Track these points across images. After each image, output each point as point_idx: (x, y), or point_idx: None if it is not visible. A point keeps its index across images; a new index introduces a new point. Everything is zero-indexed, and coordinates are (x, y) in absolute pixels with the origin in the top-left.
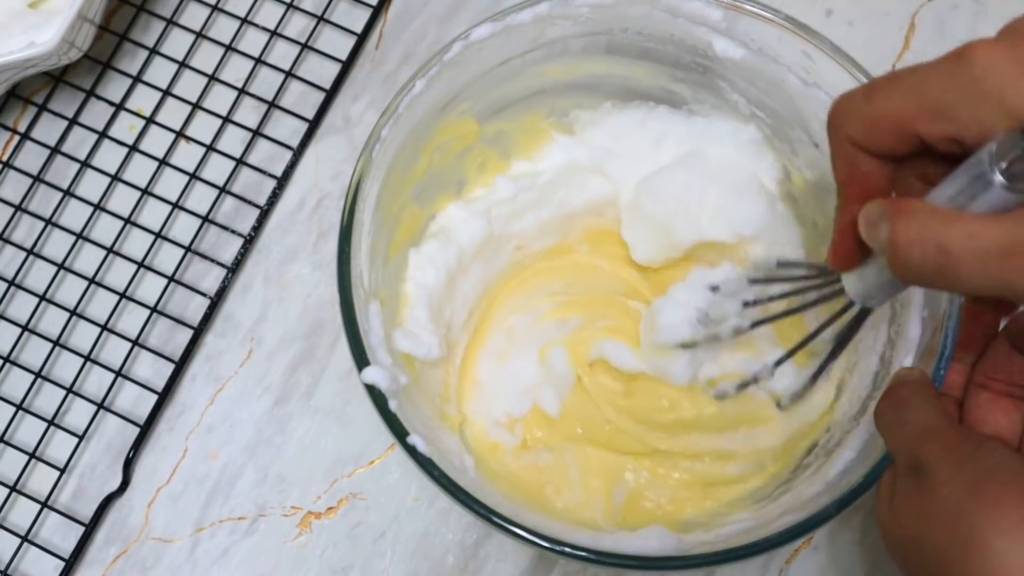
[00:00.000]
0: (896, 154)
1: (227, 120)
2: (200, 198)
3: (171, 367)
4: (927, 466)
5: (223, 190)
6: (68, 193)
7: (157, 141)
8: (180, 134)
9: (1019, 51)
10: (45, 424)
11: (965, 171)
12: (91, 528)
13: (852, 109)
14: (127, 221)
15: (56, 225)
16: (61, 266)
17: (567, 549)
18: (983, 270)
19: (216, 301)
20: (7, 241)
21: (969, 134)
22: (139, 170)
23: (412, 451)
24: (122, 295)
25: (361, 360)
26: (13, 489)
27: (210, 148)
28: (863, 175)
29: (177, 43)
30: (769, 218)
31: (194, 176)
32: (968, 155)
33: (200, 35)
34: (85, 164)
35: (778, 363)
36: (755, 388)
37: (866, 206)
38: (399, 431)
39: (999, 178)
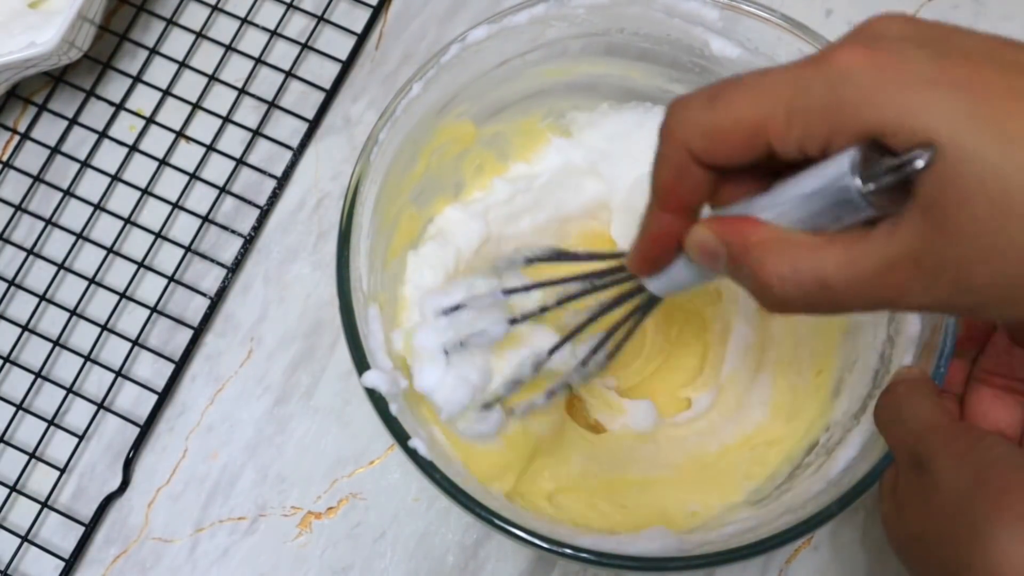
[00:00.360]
0: (734, 165)
1: (227, 120)
2: (200, 198)
3: (171, 367)
4: (929, 461)
5: (223, 190)
6: (68, 193)
7: (157, 141)
8: (180, 134)
9: (879, 58)
10: (45, 424)
11: (816, 186)
12: (91, 528)
13: (692, 117)
14: (127, 221)
15: (56, 225)
16: (61, 266)
17: (568, 551)
18: (864, 294)
19: (216, 301)
20: (7, 241)
21: (818, 144)
22: (139, 170)
23: (413, 455)
24: (122, 295)
25: (361, 364)
26: (13, 489)
27: (210, 148)
28: (687, 186)
29: (177, 43)
30: None
31: (194, 176)
32: (809, 162)
33: (200, 35)
34: (85, 164)
35: (553, 350)
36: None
37: (696, 231)
38: (400, 434)
39: (861, 197)
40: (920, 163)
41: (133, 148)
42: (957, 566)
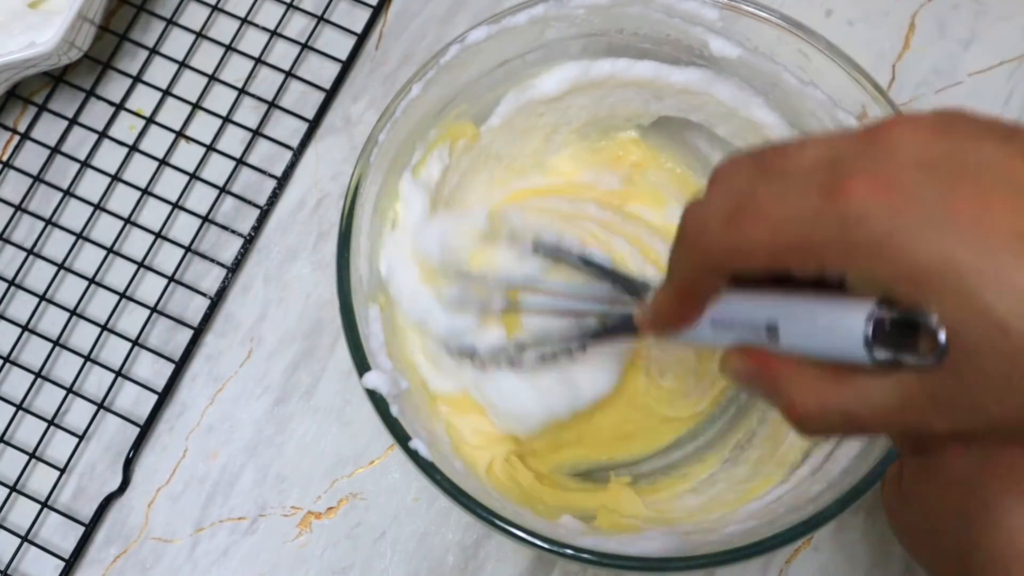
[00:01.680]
0: (752, 276)
1: (227, 120)
2: (200, 198)
3: (171, 367)
4: (933, 447)
5: (223, 190)
6: (68, 193)
7: (157, 141)
8: (180, 134)
9: (891, 200)
10: (45, 424)
11: (831, 334)
12: (91, 528)
13: (712, 234)
14: (127, 221)
15: (56, 225)
16: (61, 266)
17: (568, 551)
18: (887, 424)
19: (216, 301)
20: (7, 241)
21: (835, 276)
22: (139, 170)
23: (414, 455)
24: (122, 295)
25: (362, 365)
26: (13, 489)
27: (210, 148)
28: (706, 286)
29: (177, 43)
30: None
31: (194, 176)
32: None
33: (200, 35)
34: (85, 164)
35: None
36: None
37: (730, 360)
38: (401, 435)
39: (872, 360)
40: (932, 323)
41: (133, 148)
42: (968, 546)
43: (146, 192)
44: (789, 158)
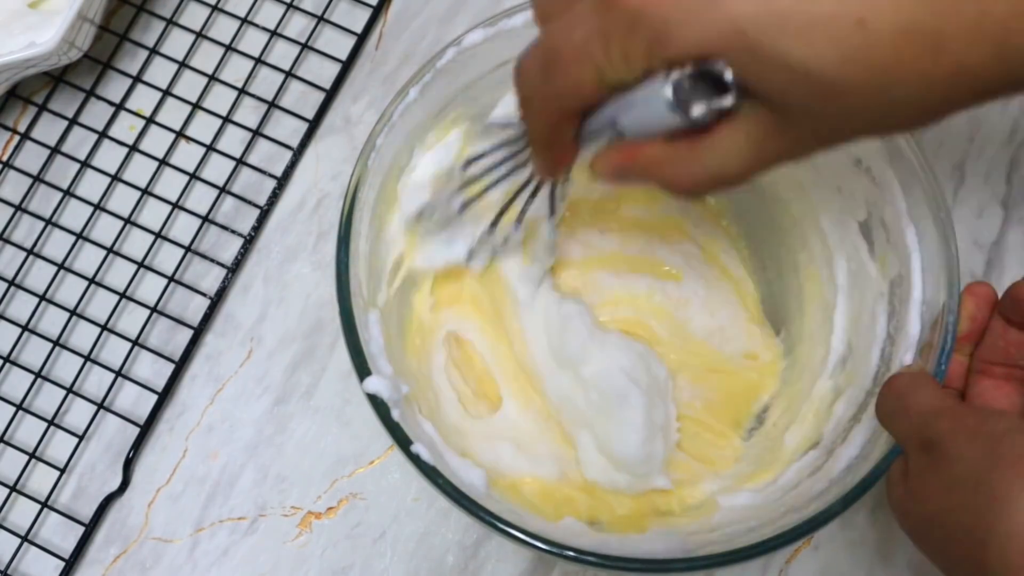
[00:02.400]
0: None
1: (227, 120)
2: (200, 198)
3: (171, 367)
4: (939, 442)
5: (223, 190)
6: (68, 193)
7: (157, 141)
8: (180, 134)
9: None
10: (45, 424)
11: (652, 111)
12: (91, 528)
13: (540, 93)
14: (127, 221)
15: (56, 225)
16: (61, 266)
17: (570, 553)
18: (747, 168)
19: (216, 301)
20: (7, 241)
21: (642, 71)
22: (139, 170)
23: (416, 460)
24: (122, 295)
25: (362, 370)
26: (13, 489)
27: (210, 148)
28: (565, 128)
29: (177, 43)
30: None
31: (194, 176)
32: None
33: (200, 35)
34: (85, 164)
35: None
36: None
37: (601, 163)
38: (402, 440)
39: (690, 121)
40: (727, 75)
41: (133, 148)
42: (980, 535)
43: (146, 192)
44: None
